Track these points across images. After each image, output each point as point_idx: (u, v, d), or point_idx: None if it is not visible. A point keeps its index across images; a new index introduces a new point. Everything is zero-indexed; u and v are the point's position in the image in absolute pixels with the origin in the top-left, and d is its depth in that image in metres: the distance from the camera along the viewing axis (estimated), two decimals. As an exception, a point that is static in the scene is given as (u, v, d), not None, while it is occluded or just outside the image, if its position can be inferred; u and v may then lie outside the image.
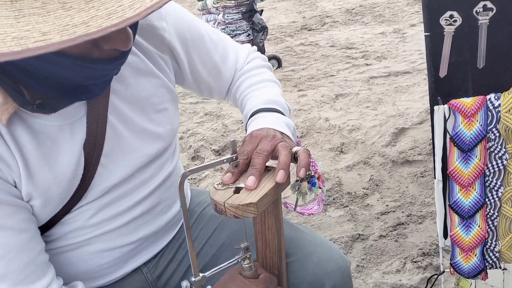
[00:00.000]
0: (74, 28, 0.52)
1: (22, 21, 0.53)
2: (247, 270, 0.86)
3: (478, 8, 0.99)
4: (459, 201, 1.05)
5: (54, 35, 0.52)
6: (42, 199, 0.80)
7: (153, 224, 0.99)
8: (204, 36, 1.02)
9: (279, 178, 0.79)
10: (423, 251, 1.99)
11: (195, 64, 1.01)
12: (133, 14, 0.54)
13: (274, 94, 1.01)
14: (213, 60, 1.04)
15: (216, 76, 1.06)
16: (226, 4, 4.64)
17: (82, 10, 0.54)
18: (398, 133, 3.07)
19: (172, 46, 0.95)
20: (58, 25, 0.52)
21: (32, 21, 0.53)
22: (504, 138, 1.02)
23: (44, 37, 0.51)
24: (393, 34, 5.54)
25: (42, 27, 0.52)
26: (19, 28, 0.52)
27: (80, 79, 0.71)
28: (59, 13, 0.54)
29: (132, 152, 0.90)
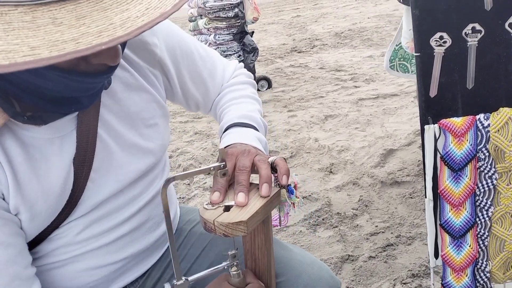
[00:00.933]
0: (63, 44, 0.52)
1: (11, 34, 0.52)
2: (235, 277, 0.84)
3: (467, 30, 1.01)
4: (450, 221, 1.05)
5: (43, 50, 0.51)
6: (29, 214, 0.78)
7: (141, 242, 0.97)
8: (194, 52, 1.02)
9: (264, 192, 0.79)
10: (412, 272, 1.98)
11: (184, 80, 1.01)
12: (124, 33, 0.54)
13: (250, 110, 1.02)
14: (201, 76, 1.05)
15: (204, 92, 1.07)
16: (218, 25, 4.69)
17: (72, 26, 0.54)
18: (386, 154, 3.09)
19: (163, 61, 0.95)
20: (47, 40, 0.52)
21: (22, 35, 0.52)
22: (493, 157, 1.03)
23: (33, 51, 0.51)
24: (381, 57, 5.62)
25: (31, 42, 0.52)
26: (8, 41, 0.52)
27: (67, 92, 0.70)
28: (49, 28, 0.53)
29: (122, 167, 0.89)
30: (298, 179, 0.89)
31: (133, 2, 0.59)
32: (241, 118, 0.99)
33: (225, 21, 4.65)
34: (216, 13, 4.62)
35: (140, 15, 0.57)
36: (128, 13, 0.57)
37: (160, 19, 0.57)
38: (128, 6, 0.58)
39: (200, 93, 1.06)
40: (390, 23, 7.59)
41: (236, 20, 4.63)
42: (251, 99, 1.08)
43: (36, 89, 0.68)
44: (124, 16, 0.56)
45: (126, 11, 0.57)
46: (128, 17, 0.56)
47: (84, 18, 0.55)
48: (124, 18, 0.56)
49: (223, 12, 4.60)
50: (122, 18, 0.56)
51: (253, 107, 1.04)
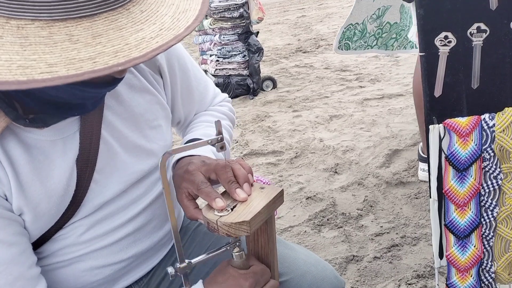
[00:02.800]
0: (80, 63, 0.53)
1: (28, 49, 0.53)
2: (237, 259, 0.84)
3: (472, 29, 1.01)
4: (454, 221, 1.04)
5: (61, 68, 0.52)
6: (32, 214, 0.79)
7: (145, 242, 0.97)
8: (190, 70, 1.03)
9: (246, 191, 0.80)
10: (417, 273, 1.97)
11: (176, 94, 1.02)
12: (139, 54, 0.55)
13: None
14: (192, 95, 1.06)
15: (189, 111, 1.08)
16: (223, 26, 4.69)
17: (88, 44, 0.55)
18: (391, 155, 3.08)
19: (162, 69, 0.96)
20: (64, 58, 0.53)
21: (39, 51, 0.53)
22: (498, 157, 1.02)
23: (50, 69, 0.52)
24: (386, 57, 5.61)
25: (48, 58, 0.53)
26: (25, 56, 0.53)
27: (72, 99, 0.71)
28: (65, 45, 0.54)
29: (125, 168, 0.89)
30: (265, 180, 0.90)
31: (147, 22, 0.60)
32: (204, 136, 0.99)
33: (230, 21, 4.65)
34: (221, 13, 4.62)
35: (154, 36, 0.58)
36: (143, 33, 0.58)
37: (173, 42, 0.59)
38: (142, 26, 0.59)
39: (185, 110, 1.07)
40: (396, 23, 7.55)
41: (241, 20, 4.63)
42: (224, 129, 1.09)
43: (40, 95, 0.69)
44: (139, 37, 0.58)
45: (141, 31, 0.58)
46: (142, 38, 0.58)
47: (100, 37, 0.56)
48: (139, 38, 0.57)
49: (228, 12, 4.60)
50: (137, 38, 0.57)
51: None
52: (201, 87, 1.08)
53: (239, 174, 0.81)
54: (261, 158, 3.35)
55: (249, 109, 4.46)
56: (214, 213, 0.77)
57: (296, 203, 2.66)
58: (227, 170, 0.81)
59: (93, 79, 0.66)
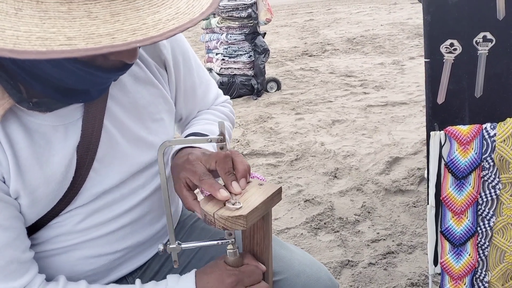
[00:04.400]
0: (99, 38, 0.54)
1: (48, 22, 0.54)
2: (231, 256, 0.84)
3: (478, 38, 1.01)
4: (451, 228, 1.04)
5: (80, 41, 0.53)
6: (29, 199, 0.79)
7: (141, 234, 0.97)
8: (194, 69, 1.04)
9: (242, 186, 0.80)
10: (412, 281, 1.97)
11: (179, 91, 1.02)
12: (157, 33, 0.56)
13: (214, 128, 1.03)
14: (195, 93, 1.06)
15: (191, 108, 1.08)
16: (230, 25, 4.70)
17: (107, 21, 0.56)
18: (392, 162, 3.08)
19: (167, 63, 0.96)
20: (83, 32, 0.54)
21: (58, 25, 0.54)
22: (498, 167, 1.02)
23: (69, 41, 0.53)
24: (392, 65, 5.61)
25: (67, 32, 0.53)
26: (44, 29, 0.53)
27: (78, 84, 0.71)
28: (84, 21, 0.55)
29: (126, 159, 0.89)
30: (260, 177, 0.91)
31: (163, 6, 0.61)
32: (205, 131, 1.00)
33: (237, 21, 4.66)
34: (229, 12, 4.63)
35: (170, 18, 0.60)
36: (159, 15, 0.60)
37: (189, 25, 0.60)
38: (159, 9, 0.60)
39: (186, 108, 1.07)
40: (403, 31, 7.56)
41: (249, 20, 4.64)
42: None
43: (46, 78, 0.69)
44: (156, 18, 0.59)
45: (157, 13, 0.60)
46: (159, 19, 0.59)
47: (118, 15, 0.57)
48: (156, 19, 0.59)
49: (236, 12, 4.61)
50: (154, 19, 0.59)
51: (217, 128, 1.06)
52: (204, 86, 1.08)
53: (239, 168, 0.81)
54: (262, 159, 3.35)
55: (252, 109, 4.46)
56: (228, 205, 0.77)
57: (294, 205, 2.66)
58: (228, 160, 0.81)
59: (104, 62, 0.67)
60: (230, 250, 0.84)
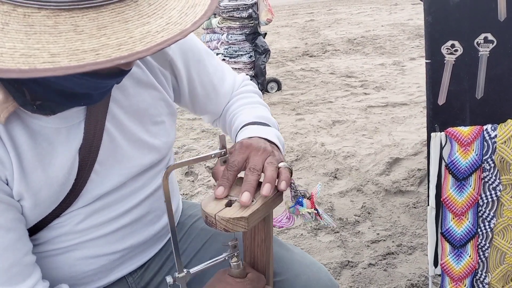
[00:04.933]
0: (83, 54, 0.52)
1: (33, 38, 0.53)
2: (235, 268, 0.84)
3: (479, 39, 1.01)
4: (451, 230, 1.04)
5: (63, 59, 0.51)
6: (32, 200, 0.79)
7: (141, 234, 0.97)
8: (205, 59, 1.03)
9: (265, 191, 0.77)
10: (411, 282, 1.97)
11: (194, 84, 1.02)
12: (143, 48, 0.54)
13: (265, 113, 1.02)
14: (212, 82, 1.05)
15: (213, 98, 1.07)
16: (231, 25, 4.70)
17: (93, 36, 0.54)
18: (392, 163, 3.08)
19: (174, 63, 0.96)
20: (68, 48, 0.52)
21: (43, 40, 0.53)
22: (499, 169, 1.02)
23: (53, 58, 0.51)
24: (392, 66, 5.61)
25: (52, 48, 0.52)
26: (29, 45, 0.52)
27: (78, 88, 0.71)
28: (70, 35, 0.53)
29: (127, 161, 0.89)
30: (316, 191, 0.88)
31: (154, 16, 0.59)
32: (258, 118, 0.98)
33: (238, 21, 4.66)
34: (230, 12, 4.63)
35: (160, 30, 0.57)
36: (149, 26, 0.57)
37: (179, 37, 0.57)
38: (149, 19, 0.58)
39: (209, 98, 1.06)
40: (404, 32, 7.56)
41: (249, 20, 4.64)
42: (263, 105, 1.08)
43: (47, 83, 0.69)
44: (145, 30, 0.57)
45: (147, 25, 0.57)
46: (148, 31, 0.56)
47: (105, 29, 0.55)
48: (144, 32, 0.56)
49: (237, 12, 4.61)
50: (142, 32, 0.56)
51: (266, 112, 1.04)
52: (219, 73, 1.07)
53: (267, 175, 0.79)
54: (262, 159, 3.34)
55: (252, 110, 4.46)
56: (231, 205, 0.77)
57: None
58: (254, 173, 0.79)
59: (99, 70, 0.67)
60: (234, 262, 0.84)
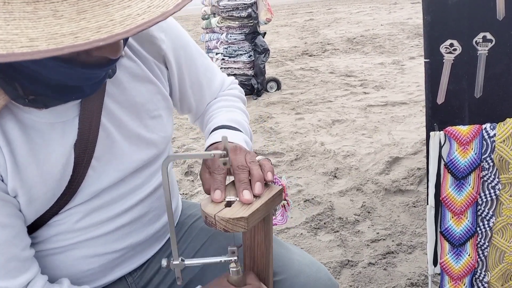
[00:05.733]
0: (62, 38, 0.52)
1: (12, 24, 0.52)
2: (234, 274, 0.84)
3: (478, 38, 1.01)
4: (450, 229, 1.04)
5: (41, 43, 0.51)
6: (26, 197, 0.79)
7: (141, 233, 0.97)
8: (197, 58, 1.04)
9: (257, 190, 0.78)
10: (411, 281, 1.97)
11: (184, 82, 1.02)
12: (122, 30, 0.54)
13: (239, 117, 1.04)
14: (200, 82, 1.06)
15: (200, 98, 1.08)
16: (230, 25, 4.70)
17: (72, 20, 0.54)
18: (392, 162, 3.08)
19: (167, 58, 0.96)
20: (46, 33, 0.52)
21: (22, 26, 0.52)
22: (498, 168, 1.02)
23: (31, 43, 0.51)
24: (392, 65, 5.61)
25: (30, 33, 0.52)
26: (8, 31, 0.52)
27: (68, 81, 0.70)
28: (49, 20, 0.53)
29: (124, 157, 0.89)
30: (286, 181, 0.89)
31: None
32: (230, 121, 1.00)
33: (238, 20, 4.66)
34: (229, 12, 4.63)
35: (141, 13, 0.57)
36: (130, 10, 0.57)
37: (160, 19, 0.56)
38: (130, 3, 0.58)
39: (195, 98, 1.07)
40: (403, 31, 7.56)
41: (249, 20, 4.64)
42: (241, 111, 1.10)
43: (38, 76, 0.68)
44: (125, 13, 0.56)
45: (128, 8, 0.57)
46: (128, 15, 0.56)
47: (85, 13, 0.55)
48: (125, 15, 0.56)
49: (236, 11, 4.61)
50: (122, 15, 0.56)
51: (242, 118, 1.06)
52: (209, 73, 1.08)
53: (255, 174, 0.80)
54: (262, 159, 3.35)
55: (252, 109, 4.46)
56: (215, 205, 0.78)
57: (294, 205, 2.66)
58: (243, 171, 0.81)
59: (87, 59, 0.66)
60: (233, 268, 0.84)
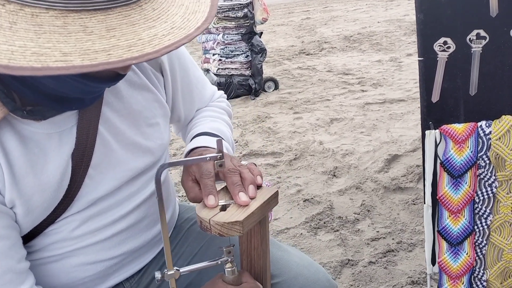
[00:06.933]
0: (95, 54, 0.54)
1: (43, 37, 0.54)
2: (229, 274, 0.83)
3: (471, 36, 1.00)
4: (448, 227, 1.04)
5: (75, 58, 0.53)
6: (24, 207, 0.78)
7: (138, 239, 0.97)
8: (190, 69, 1.04)
9: (251, 193, 0.79)
10: (412, 279, 1.97)
11: (177, 92, 1.02)
12: (152, 50, 0.57)
13: (222, 127, 1.05)
14: (192, 93, 1.07)
15: (189, 109, 1.09)
16: (226, 25, 4.69)
17: (103, 37, 0.56)
18: (391, 160, 3.08)
19: (163, 67, 0.96)
20: (79, 48, 0.54)
21: (53, 39, 0.54)
22: (494, 165, 1.02)
23: (65, 57, 0.52)
24: (389, 62, 5.61)
25: (63, 47, 0.53)
26: (39, 44, 0.53)
27: (71, 93, 0.71)
28: (80, 36, 0.55)
29: (121, 165, 0.89)
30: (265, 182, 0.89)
31: (158, 20, 0.61)
32: (213, 129, 1.01)
33: (234, 21, 4.65)
34: (225, 12, 4.62)
35: (166, 33, 0.60)
36: (155, 30, 0.60)
37: (185, 41, 0.60)
38: (154, 23, 0.61)
39: (185, 108, 1.08)
40: (400, 28, 7.55)
41: (245, 20, 4.64)
42: (225, 123, 1.11)
43: (40, 87, 0.69)
44: (152, 33, 0.59)
45: (153, 28, 0.60)
46: (155, 35, 0.59)
47: (114, 30, 0.57)
48: (151, 34, 0.59)
49: (232, 12, 4.60)
50: (149, 34, 0.59)
51: (225, 128, 1.07)
52: (200, 85, 1.09)
53: (246, 177, 0.81)
54: (260, 159, 3.34)
55: (250, 109, 4.46)
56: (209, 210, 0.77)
57: (294, 205, 2.66)
58: (235, 174, 0.81)
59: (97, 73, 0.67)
60: (228, 268, 0.83)
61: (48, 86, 0.68)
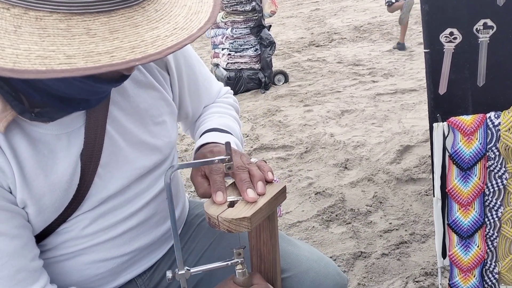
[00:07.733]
0: (98, 56, 0.55)
1: (47, 40, 0.55)
2: (240, 276, 0.84)
3: (478, 26, 0.99)
4: (458, 220, 1.03)
5: (79, 60, 0.54)
6: (36, 207, 0.80)
7: (148, 236, 0.98)
8: (196, 66, 1.05)
9: (260, 190, 0.80)
10: (425, 270, 1.96)
11: (183, 89, 1.03)
12: (155, 51, 0.57)
13: (230, 123, 1.06)
14: (199, 90, 1.07)
15: (196, 106, 1.10)
16: (235, 19, 4.68)
17: (106, 39, 0.57)
18: (403, 151, 3.06)
19: (169, 65, 0.97)
20: (82, 51, 0.55)
21: (57, 42, 0.55)
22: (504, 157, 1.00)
23: (69, 60, 0.53)
24: (400, 52, 5.55)
25: (66, 50, 0.54)
26: (44, 47, 0.54)
27: (77, 94, 0.72)
28: (83, 38, 0.56)
29: (129, 164, 0.90)
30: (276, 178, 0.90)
31: (161, 21, 0.62)
32: (222, 125, 1.02)
33: (242, 14, 4.64)
34: (233, 6, 4.61)
35: (169, 34, 0.61)
36: (158, 31, 0.61)
37: (187, 42, 0.61)
38: (157, 24, 0.61)
39: (193, 106, 1.08)
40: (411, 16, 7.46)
41: (253, 13, 4.62)
42: (233, 118, 1.12)
43: (46, 89, 0.70)
44: (154, 34, 0.60)
45: (156, 29, 0.61)
46: (157, 36, 0.60)
47: (117, 32, 0.58)
48: (154, 36, 0.60)
49: (240, 5, 4.59)
50: (152, 36, 0.59)
51: (234, 124, 1.08)
52: (206, 82, 1.10)
53: (255, 174, 0.82)
54: (271, 153, 3.35)
55: (260, 103, 4.46)
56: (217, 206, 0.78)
57: (305, 198, 2.66)
58: (244, 171, 0.82)
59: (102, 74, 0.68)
60: (239, 270, 0.84)
61: (54, 88, 0.69)
